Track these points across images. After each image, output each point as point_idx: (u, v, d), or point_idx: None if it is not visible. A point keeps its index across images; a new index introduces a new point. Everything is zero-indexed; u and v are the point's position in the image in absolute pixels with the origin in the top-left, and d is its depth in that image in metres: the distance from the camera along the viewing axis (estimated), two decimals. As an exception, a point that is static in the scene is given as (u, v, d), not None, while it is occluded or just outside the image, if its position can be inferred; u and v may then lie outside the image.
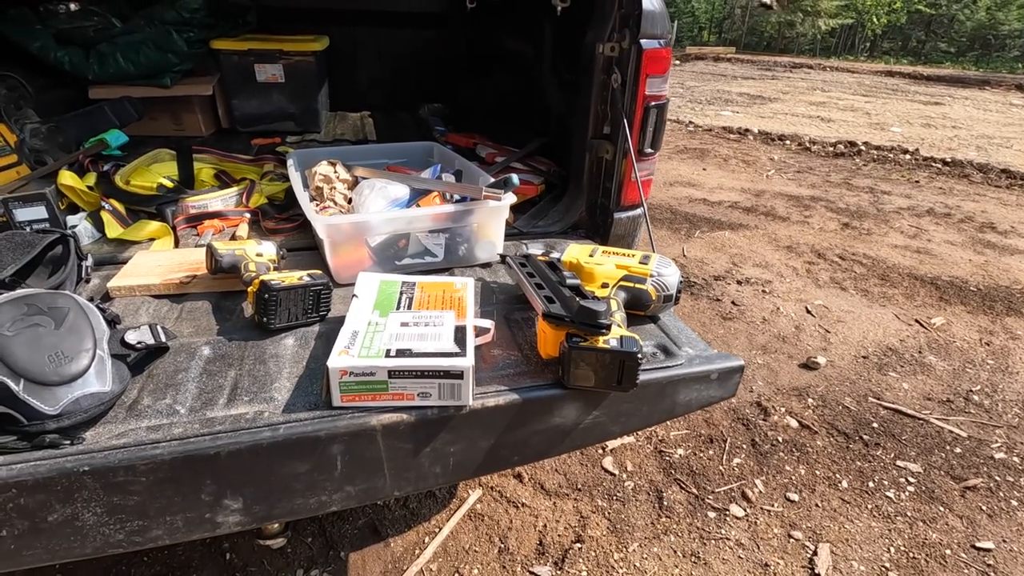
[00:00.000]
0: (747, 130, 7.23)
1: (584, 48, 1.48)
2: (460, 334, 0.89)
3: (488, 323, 0.97)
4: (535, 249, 1.38)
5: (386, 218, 1.17)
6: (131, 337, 0.86)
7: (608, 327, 0.85)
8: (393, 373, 0.82)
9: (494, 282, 1.26)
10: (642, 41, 1.30)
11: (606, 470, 1.99)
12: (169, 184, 1.55)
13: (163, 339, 0.90)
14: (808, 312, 2.98)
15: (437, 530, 1.72)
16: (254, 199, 1.58)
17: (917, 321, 2.93)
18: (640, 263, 1.07)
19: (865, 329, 2.84)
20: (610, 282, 1.06)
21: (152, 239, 1.40)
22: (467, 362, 0.82)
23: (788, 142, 6.70)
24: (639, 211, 1.52)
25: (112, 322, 0.91)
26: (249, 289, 1.00)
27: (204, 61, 2.36)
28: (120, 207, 1.42)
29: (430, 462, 0.90)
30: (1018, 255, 3.72)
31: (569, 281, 0.97)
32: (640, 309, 1.08)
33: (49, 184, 1.40)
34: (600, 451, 2.06)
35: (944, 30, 20.00)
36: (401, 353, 0.84)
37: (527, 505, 1.84)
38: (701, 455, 2.07)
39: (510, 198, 1.23)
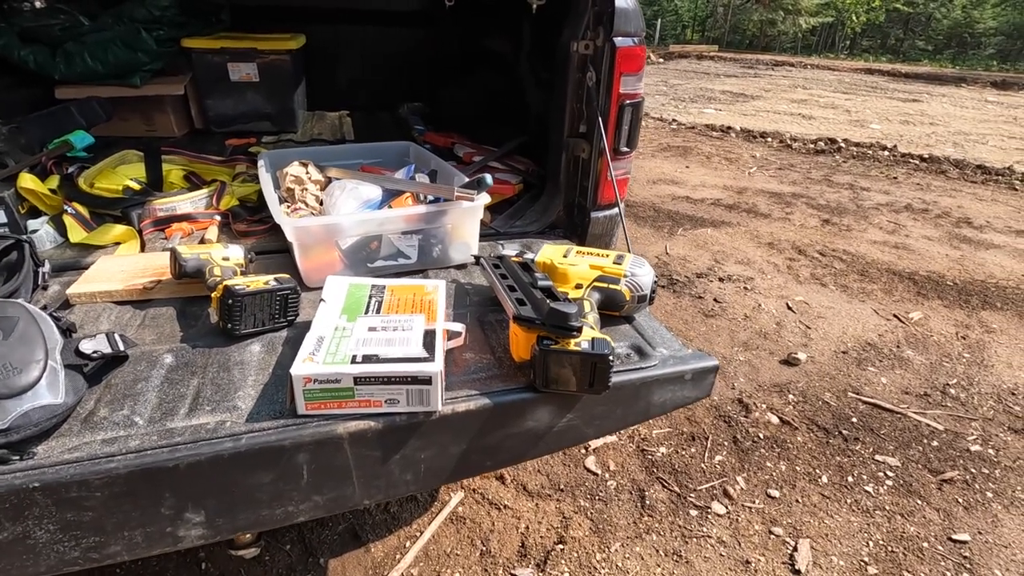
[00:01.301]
0: (729, 128, 7.28)
1: (559, 46, 1.47)
2: (429, 338, 0.88)
3: (459, 326, 0.95)
4: (510, 250, 1.37)
5: (357, 220, 1.15)
6: (86, 347, 0.82)
7: (579, 329, 0.84)
8: (359, 380, 0.80)
9: (468, 284, 1.24)
10: (616, 39, 1.29)
11: (589, 470, 1.99)
12: (136, 186, 1.50)
13: (121, 348, 0.87)
14: (789, 308, 3.00)
15: (418, 534, 1.71)
16: (225, 201, 1.54)
17: (895, 316, 2.96)
18: (614, 263, 1.06)
19: (845, 324, 2.87)
20: (584, 283, 1.04)
21: (117, 243, 1.36)
22: (435, 367, 0.81)
23: (770, 139, 6.76)
24: (616, 210, 1.51)
25: (67, 331, 0.87)
26: (213, 294, 0.98)
27: (175, 60, 2.31)
28: (83, 211, 1.38)
29: (400, 469, 0.88)
30: (993, 249, 3.79)
31: (541, 283, 0.95)
32: (614, 309, 1.07)
33: (9, 188, 1.36)
34: (583, 451, 2.05)
35: (922, 28, 20.35)
36: (367, 359, 0.82)
37: (509, 507, 1.83)
38: (683, 453, 2.07)
39: (483, 198, 1.22)
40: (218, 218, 1.48)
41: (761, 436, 2.14)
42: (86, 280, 1.12)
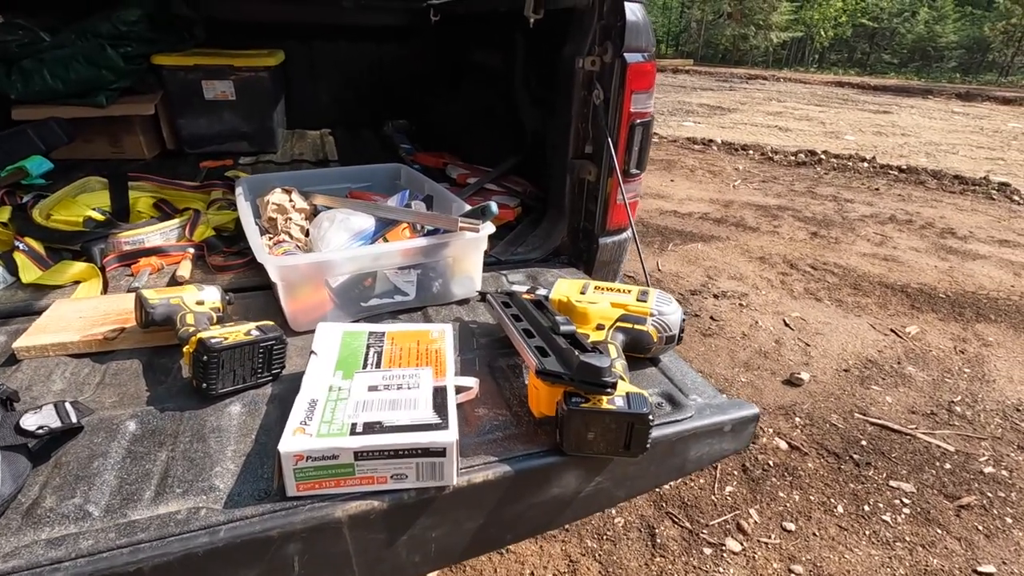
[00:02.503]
0: (711, 140, 7.33)
1: (561, 63, 1.38)
2: (440, 397, 0.76)
3: (471, 381, 0.84)
4: (516, 280, 1.26)
5: (349, 257, 1.03)
6: (29, 422, 0.69)
7: (614, 385, 0.73)
8: (361, 455, 0.68)
9: (473, 322, 1.13)
10: (626, 55, 1.20)
11: (595, 507, 1.87)
12: (99, 217, 1.36)
13: (73, 419, 0.73)
14: (787, 325, 2.94)
15: (415, 588, 1.56)
16: (199, 231, 1.41)
17: (892, 331, 2.92)
18: (638, 300, 0.96)
19: (843, 341, 2.82)
20: (606, 323, 0.94)
21: (77, 282, 1.22)
22: (450, 436, 0.69)
23: (751, 152, 6.81)
24: (625, 235, 1.41)
25: (7, 401, 0.74)
26: (185, 348, 0.85)
27: (145, 78, 2.17)
28: (38, 246, 1.23)
29: (408, 551, 0.76)
30: (980, 260, 3.80)
31: (563, 328, 0.85)
32: (640, 352, 0.96)
33: (-50, 222, 1.20)
34: (587, 486, 1.93)
35: (887, 42, 21.04)
36: (369, 428, 0.70)
37: (512, 551, 1.70)
38: (692, 484, 1.97)
39: (488, 228, 1.11)
40: (191, 251, 1.34)
41: (771, 464, 2.06)
42: (37, 330, 0.98)
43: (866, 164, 6.19)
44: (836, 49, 22.64)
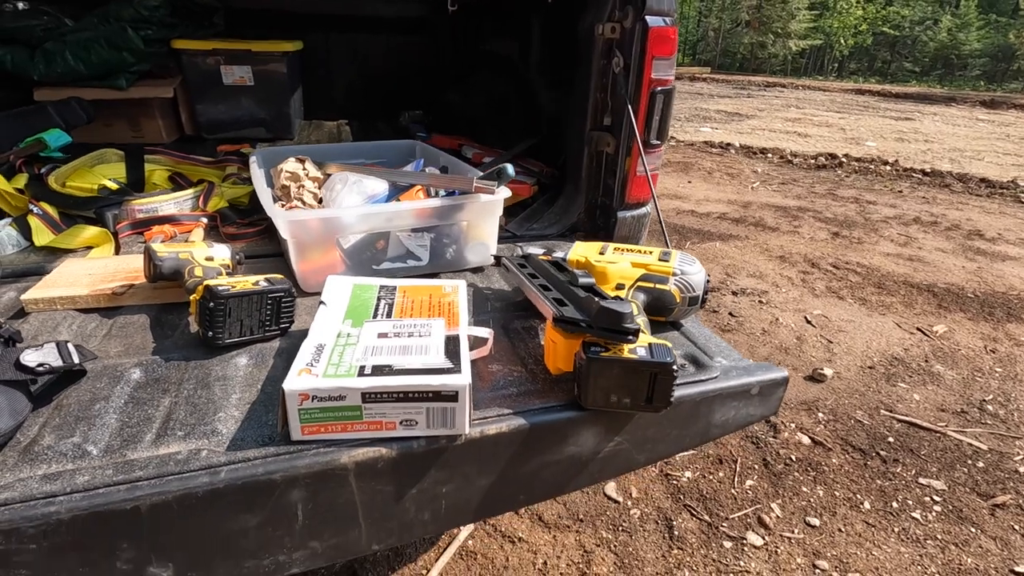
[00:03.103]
0: (729, 144, 7.25)
1: (580, 34, 1.35)
2: (453, 345, 0.72)
3: (486, 332, 0.80)
4: (535, 249, 1.22)
5: (361, 214, 1.00)
6: (30, 358, 0.67)
7: (636, 332, 0.69)
8: (369, 396, 0.64)
9: (488, 288, 1.10)
10: (647, 18, 1.17)
11: (609, 497, 1.81)
12: (113, 186, 1.36)
13: (75, 360, 0.71)
14: (808, 322, 2.86)
15: (424, 572, 1.53)
16: (213, 203, 1.40)
17: (919, 329, 2.83)
18: (660, 260, 0.92)
19: (868, 339, 2.73)
20: (626, 283, 0.90)
21: (89, 247, 1.21)
22: (463, 380, 0.65)
23: (770, 155, 6.72)
24: (644, 209, 1.37)
25: (9, 340, 0.72)
26: (192, 297, 0.82)
27: (164, 62, 2.19)
28: (52, 211, 1.23)
29: (416, 507, 0.72)
30: (1010, 261, 3.69)
31: (582, 280, 0.81)
32: (661, 314, 0.92)
33: (-33, 185, 1.21)
34: (602, 477, 1.88)
35: (908, 51, 20.77)
36: (379, 370, 0.67)
37: (524, 540, 1.65)
38: (711, 478, 1.90)
39: (504, 192, 1.08)
40: (204, 220, 1.33)
41: (793, 458, 1.98)
42: (46, 284, 0.96)
43: (888, 167, 6.07)
44: (856, 58, 22.41)
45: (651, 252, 0.95)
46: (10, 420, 0.63)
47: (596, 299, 0.72)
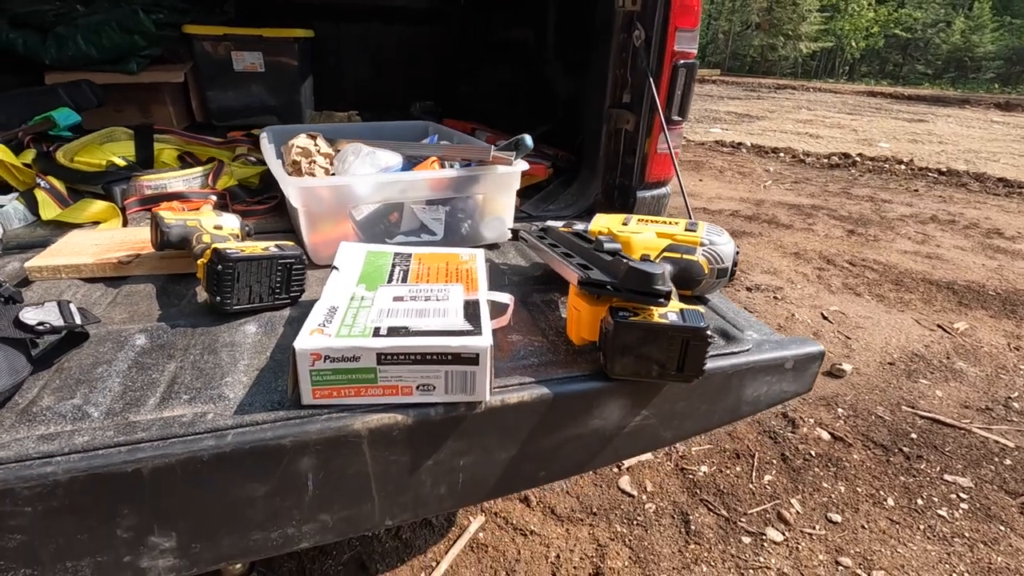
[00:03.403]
0: (740, 144, 7.19)
1: (599, 9, 1.31)
2: (472, 309, 0.69)
3: (506, 297, 0.76)
4: (554, 223, 1.18)
5: (374, 183, 0.97)
6: (29, 316, 0.63)
7: (667, 295, 0.65)
8: (384, 357, 0.60)
9: (504, 264, 1.06)
10: (671, -13, 1.13)
11: (623, 491, 1.77)
12: (121, 163, 1.33)
13: (77, 321, 0.68)
14: (825, 318, 2.81)
15: (434, 564, 1.48)
16: (222, 181, 1.37)
17: (939, 326, 2.76)
18: (687, 231, 0.88)
19: (887, 335, 2.67)
20: (651, 253, 0.86)
21: (97, 222, 1.18)
22: (484, 341, 0.61)
23: (782, 155, 6.65)
24: (665, 189, 1.33)
25: (9, 300, 0.69)
26: (200, 261, 0.79)
27: (175, 48, 2.17)
28: (59, 185, 1.21)
29: (433, 480, 0.68)
30: (1031, 259, 3.60)
31: (608, 246, 0.77)
32: (688, 287, 0.88)
33: (-27, 158, 1.18)
34: (615, 469, 1.84)
35: (920, 53, 20.59)
36: (395, 332, 0.63)
37: (536, 533, 1.61)
38: (728, 472, 1.85)
39: (522, 164, 1.04)
40: (214, 198, 1.30)
41: (813, 453, 1.93)
42: (50, 253, 0.94)
43: (903, 167, 5.99)
44: (867, 61, 22.24)
45: (677, 223, 0.91)
46: (8, 379, 0.60)
47: (625, 261, 0.68)
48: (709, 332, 0.65)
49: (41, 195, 1.18)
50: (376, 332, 0.62)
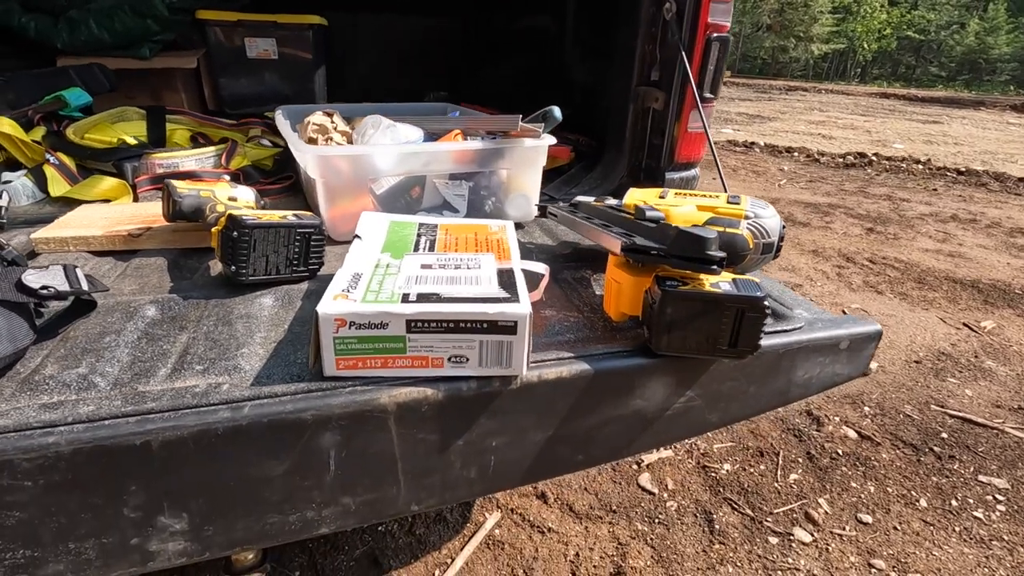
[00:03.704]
0: (753, 143, 7.11)
1: (626, -17, 1.26)
2: (507, 278, 0.63)
3: (541, 267, 0.71)
4: (584, 198, 1.13)
5: (395, 154, 0.92)
6: (32, 279, 0.59)
7: (720, 261, 0.59)
8: (414, 325, 0.55)
9: (531, 243, 1.01)
10: (706, -45, 1.08)
11: (643, 488, 1.71)
12: (133, 142, 1.29)
13: (84, 286, 0.63)
14: (846, 316, 2.73)
15: (449, 561, 1.43)
16: (235, 161, 1.33)
17: (965, 325, 2.68)
18: (729, 203, 0.83)
19: (912, 333, 2.59)
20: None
21: (107, 200, 1.14)
22: (523, 309, 0.56)
23: (796, 154, 6.57)
24: (694, 171, 1.28)
25: (12, 263, 0.64)
26: (214, 229, 0.74)
27: (188, 34, 2.14)
28: (69, 162, 1.17)
29: (463, 462, 0.63)
30: (1058, 258, 3.51)
31: (650, 214, 0.71)
32: (731, 263, 0.82)
33: (-19, 132, 1.15)
34: (635, 466, 1.78)
35: (934, 55, 20.38)
36: (425, 298, 0.58)
37: (554, 530, 1.55)
38: (751, 470, 1.79)
39: (549, 138, 0.99)
40: (227, 178, 1.26)
41: (839, 452, 1.86)
42: (58, 225, 0.90)
43: (921, 166, 5.89)
44: (879, 63, 22.05)
45: (717, 196, 0.85)
46: (8, 345, 0.55)
47: (673, 226, 0.62)
48: (767, 303, 0.59)
49: (50, 171, 1.14)
50: (405, 298, 0.57)
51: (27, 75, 1.59)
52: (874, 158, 6.19)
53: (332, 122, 1.21)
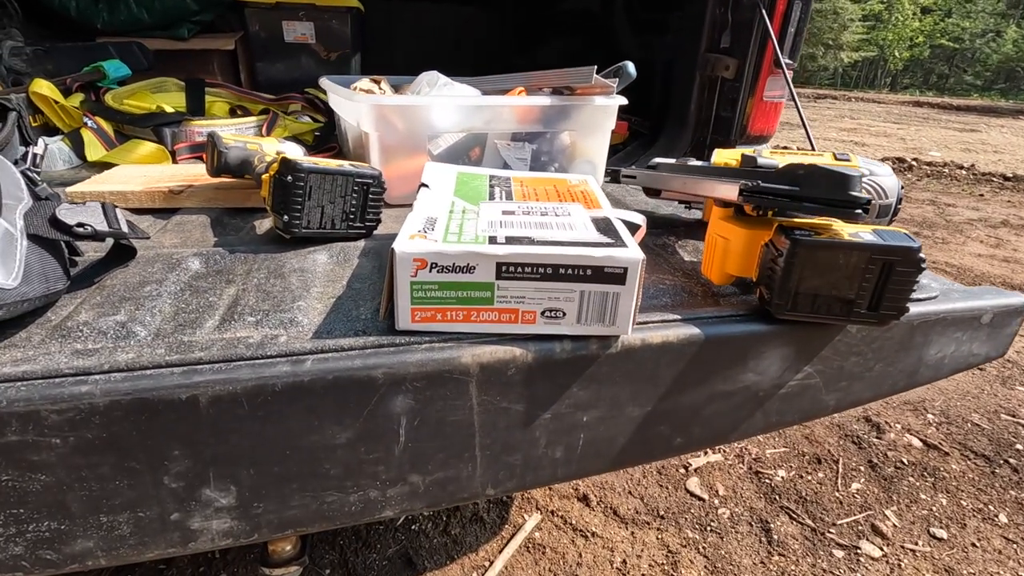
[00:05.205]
0: (786, 148, 6.92)
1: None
2: (604, 224, 0.54)
3: (638, 217, 0.62)
4: (662, 159, 1.03)
5: (456, 107, 0.84)
6: (67, 215, 0.52)
7: (867, 205, 0.50)
8: (506, 269, 0.47)
9: (598, 211, 0.92)
10: (794, -98, 0.99)
11: (692, 494, 1.59)
12: (171, 110, 1.24)
13: (123, 228, 0.56)
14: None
15: (486, 564, 1.34)
16: (276, 132, 1.27)
17: (1030, 332, 2.51)
18: (838, 160, 0.73)
19: (972, 339, 2.43)
20: (797, 186, 0.70)
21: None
22: (634, 254, 0.47)
23: (831, 158, 6.37)
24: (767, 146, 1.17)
25: (46, 199, 0.57)
26: (265, 176, 0.67)
27: (226, 16, 2.11)
28: (107, 127, 1.12)
29: (548, 439, 0.54)
30: (1123, 266, 3.30)
31: (762, 160, 0.62)
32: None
33: (20, 92, 1.10)
34: (683, 470, 1.67)
35: (968, 64, 19.86)
36: (515, 241, 0.49)
37: (598, 535, 1.45)
38: (809, 478, 1.66)
39: (620, 99, 0.90)
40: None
41: (904, 461, 1.72)
42: (95, 181, 0.83)
43: (964, 171, 5.67)
44: (910, 71, 21.57)
45: (822, 154, 0.76)
46: (39, 286, 0.48)
47: (805, 164, 0.53)
48: (921, 254, 0.49)
49: (88, 135, 1.09)
50: (492, 240, 0.49)
51: (66, 48, 1.56)
52: (913, 163, 5.98)
53: (380, 89, 1.14)
